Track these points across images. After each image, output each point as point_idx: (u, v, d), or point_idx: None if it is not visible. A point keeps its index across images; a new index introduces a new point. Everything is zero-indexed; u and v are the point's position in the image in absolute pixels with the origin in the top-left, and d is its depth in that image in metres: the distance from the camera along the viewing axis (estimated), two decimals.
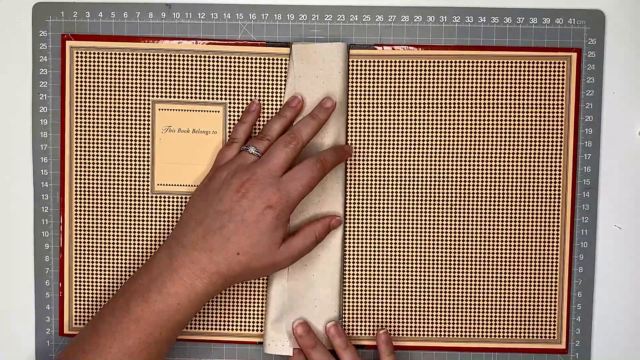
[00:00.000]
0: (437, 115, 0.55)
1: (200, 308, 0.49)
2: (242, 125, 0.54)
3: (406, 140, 0.55)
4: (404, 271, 0.56)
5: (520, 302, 0.56)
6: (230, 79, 0.55)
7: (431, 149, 0.55)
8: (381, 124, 0.55)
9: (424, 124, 0.55)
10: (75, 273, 0.56)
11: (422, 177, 0.55)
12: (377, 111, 0.55)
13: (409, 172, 0.55)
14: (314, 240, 0.52)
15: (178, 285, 0.48)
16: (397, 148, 0.55)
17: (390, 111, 0.55)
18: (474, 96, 0.55)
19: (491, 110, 0.55)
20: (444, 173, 0.55)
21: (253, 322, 0.56)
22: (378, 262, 0.56)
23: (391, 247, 0.56)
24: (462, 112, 0.55)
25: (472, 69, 0.55)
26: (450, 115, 0.55)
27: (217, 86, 0.55)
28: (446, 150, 0.55)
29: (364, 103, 0.55)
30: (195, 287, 0.48)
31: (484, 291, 0.56)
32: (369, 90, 0.55)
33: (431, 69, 0.55)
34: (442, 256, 0.56)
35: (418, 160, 0.55)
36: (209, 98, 0.55)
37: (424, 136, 0.55)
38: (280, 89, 0.55)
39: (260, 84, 0.55)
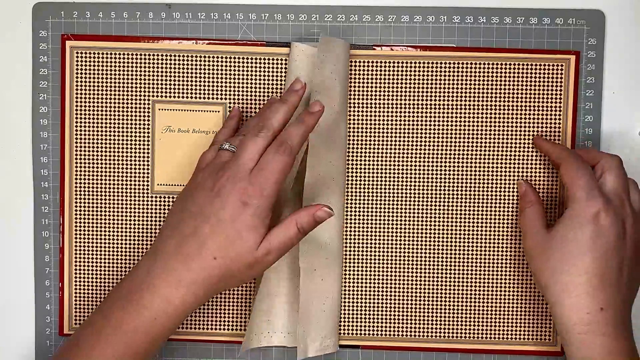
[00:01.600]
0: (436, 116, 0.55)
1: (181, 322, 0.47)
2: (223, 130, 0.53)
3: (405, 142, 0.55)
4: (403, 272, 0.56)
5: (518, 304, 0.56)
6: (230, 79, 0.55)
7: (430, 150, 0.55)
8: (380, 125, 0.55)
9: (423, 125, 0.55)
10: (75, 273, 0.56)
11: (420, 177, 0.55)
12: (376, 112, 0.55)
13: (408, 173, 0.55)
14: (296, 232, 0.47)
15: (154, 298, 0.45)
16: (396, 149, 0.55)
17: (389, 112, 0.55)
18: (472, 97, 0.55)
19: (491, 111, 0.55)
20: (442, 174, 0.55)
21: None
22: (378, 263, 0.56)
23: (391, 248, 0.56)
24: (461, 113, 0.55)
25: (471, 71, 0.55)
26: (448, 116, 0.55)
27: (217, 86, 0.55)
28: (445, 152, 0.55)
29: (364, 104, 0.55)
30: (171, 300, 0.45)
31: (482, 293, 0.56)
32: (368, 91, 0.55)
33: (430, 70, 0.55)
34: (440, 257, 0.56)
35: (416, 162, 0.55)
36: (209, 98, 0.55)
37: (423, 137, 0.55)
38: (281, 89, 0.55)
39: (260, 84, 0.55)
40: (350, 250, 0.56)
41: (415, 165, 0.55)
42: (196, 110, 0.55)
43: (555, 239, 0.48)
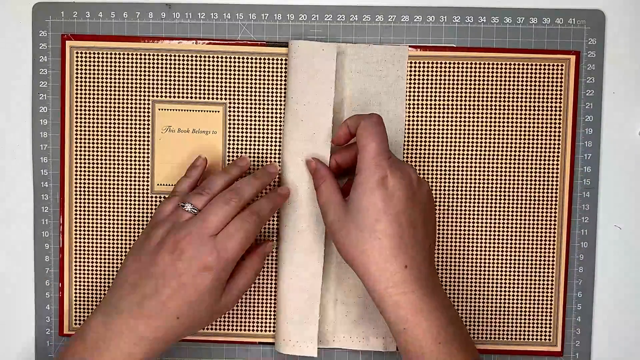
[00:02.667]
0: (436, 116, 0.55)
1: None
2: (185, 180, 0.53)
3: (405, 141, 0.55)
4: None
5: (518, 304, 0.56)
6: (230, 79, 0.55)
7: (429, 150, 0.55)
8: None
9: (422, 125, 0.55)
10: (75, 273, 0.56)
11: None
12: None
13: None
14: (252, 276, 0.51)
15: (115, 355, 0.46)
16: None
17: None
18: (472, 97, 0.55)
19: (491, 112, 0.55)
20: (442, 174, 0.55)
21: (253, 322, 0.56)
22: None
23: None
24: (461, 113, 0.55)
25: (471, 71, 0.55)
26: (448, 116, 0.55)
27: (217, 86, 0.55)
28: (445, 152, 0.55)
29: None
30: (134, 355, 0.46)
31: (482, 293, 0.56)
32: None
33: (430, 70, 0.55)
34: (439, 257, 0.56)
35: (416, 161, 0.55)
36: (209, 98, 0.55)
37: (422, 137, 0.55)
38: (280, 88, 0.55)
39: (260, 84, 0.55)
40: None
41: (414, 165, 0.55)
42: (196, 110, 0.55)
43: (351, 210, 0.47)
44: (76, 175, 0.56)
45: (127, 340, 0.46)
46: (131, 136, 0.56)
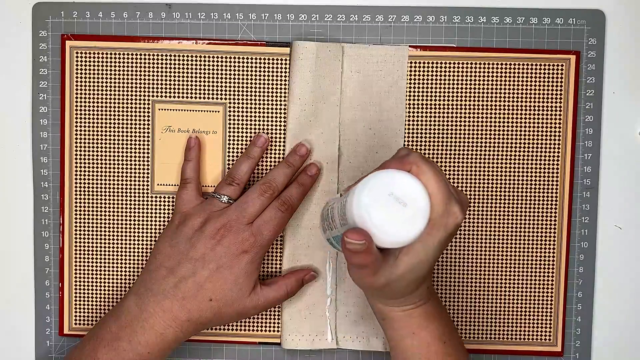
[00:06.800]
0: (436, 116, 0.55)
1: (169, 354, 0.50)
2: (188, 164, 0.54)
3: (406, 141, 0.55)
4: None
5: (518, 304, 0.56)
6: (230, 79, 0.55)
7: (429, 150, 0.55)
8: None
9: (423, 124, 0.55)
10: (75, 273, 0.56)
11: None
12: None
13: None
14: (284, 294, 0.52)
15: (149, 335, 0.48)
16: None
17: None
18: (472, 97, 0.55)
19: (491, 111, 0.55)
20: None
21: (253, 322, 0.56)
22: None
23: None
24: (461, 113, 0.55)
25: (472, 71, 0.55)
26: (449, 116, 0.55)
27: (217, 86, 0.55)
28: (445, 152, 0.55)
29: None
30: (166, 335, 0.49)
31: (482, 293, 0.56)
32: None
33: (430, 70, 0.55)
34: (441, 258, 0.56)
35: None
36: (209, 98, 0.55)
37: (423, 137, 0.55)
38: (280, 88, 0.55)
39: (260, 84, 0.55)
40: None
41: None
42: (196, 110, 0.55)
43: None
44: (76, 175, 0.56)
45: (161, 321, 0.49)
46: (131, 136, 0.56)
